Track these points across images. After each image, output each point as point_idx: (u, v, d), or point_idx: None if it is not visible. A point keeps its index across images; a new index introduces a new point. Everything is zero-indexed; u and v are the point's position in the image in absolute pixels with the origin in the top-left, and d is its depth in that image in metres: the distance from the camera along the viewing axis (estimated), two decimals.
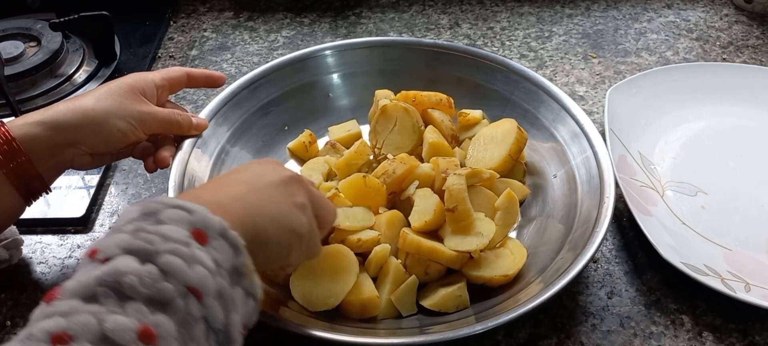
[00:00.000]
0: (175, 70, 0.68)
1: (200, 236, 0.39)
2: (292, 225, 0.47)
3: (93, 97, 0.59)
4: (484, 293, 0.60)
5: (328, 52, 0.79)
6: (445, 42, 0.91)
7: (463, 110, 0.75)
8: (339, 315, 0.57)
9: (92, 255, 0.38)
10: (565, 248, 0.60)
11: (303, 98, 0.78)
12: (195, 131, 0.67)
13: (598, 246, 0.56)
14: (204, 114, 0.69)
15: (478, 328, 0.53)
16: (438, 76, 0.78)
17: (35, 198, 0.58)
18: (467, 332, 0.52)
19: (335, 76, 0.80)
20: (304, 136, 0.75)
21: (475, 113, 0.75)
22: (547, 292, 0.53)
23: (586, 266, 0.55)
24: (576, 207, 0.64)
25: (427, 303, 0.59)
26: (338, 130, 0.77)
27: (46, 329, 0.33)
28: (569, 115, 0.70)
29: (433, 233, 0.62)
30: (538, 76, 0.75)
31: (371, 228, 0.61)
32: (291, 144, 0.76)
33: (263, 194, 0.47)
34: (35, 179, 0.56)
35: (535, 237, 0.66)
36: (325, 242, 0.60)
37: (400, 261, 0.60)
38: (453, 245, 0.60)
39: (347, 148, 0.71)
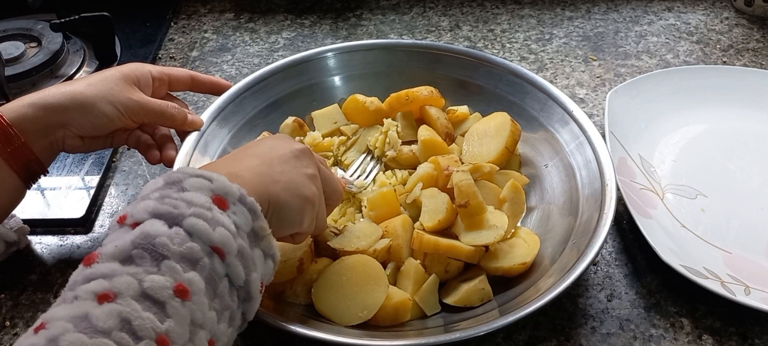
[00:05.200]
0: (179, 70, 0.69)
1: (221, 202, 0.42)
2: (303, 193, 0.50)
3: (85, 82, 0.61)
4: (503, 283, 0.61)
5: (329, 54, 0.79)
6: (445, 44, 0.91)
7: (451, 107, 0.76)
8: (365, 323, 0.57)
9: (122, 220, 0.41)
10: (572, 237, 0.60)
11: (304, 100, 0.78)
12: (189, 127, 0.67)
13: (599, 250, 0.56)
14: (206, 115, 0.69)
15: (506, 320, 0.52)
16: (438, 79, 0.78)
17: (34, 181, 0.60)
18: (500, 324, 0.52)
19: (337, 79, 0.80)
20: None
21: (463, 109, 0.76)
22: (547, 295, 0.53)
23: (586, 270, 0.55)
24: (577, 192, 0.65)
25: (451, 300, 0.59)
26: (324, 119, 0.77)
27: (91, 289, 0.37)
28: (560, 107, 0.71)
29: (445, 231, 0.63)
30: (521, 69, 0.76)
31: (382, 236, 0.62)
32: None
33: (275, 166, 0.50)
34: (33, 162, 0.58)
35: (540, 225, 0.66)
36: (334, 256, 0.60)
37: (419, 261, 0.60)
38: (470, 240, 0.60)
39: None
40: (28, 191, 0.60)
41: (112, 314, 0.35)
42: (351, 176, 0.70)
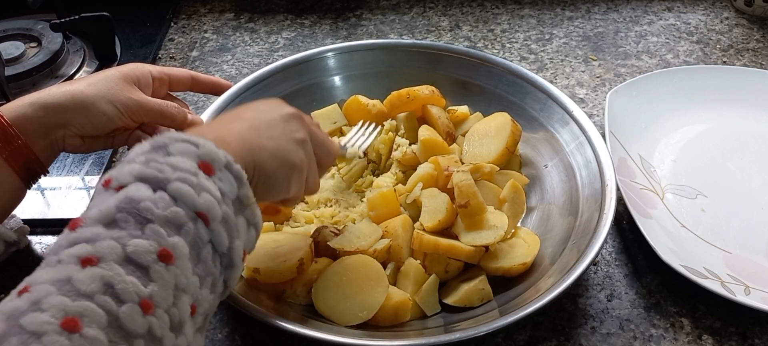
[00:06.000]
0: (179, 70, 0.69)
1: (207, 167, 0.42)
2: (290, 159, 0.50)
3: (85, 82, 0.61)
4: (503, 283, 0.61)
5: (329, 54, 0.79)
6: (445, 44, 0.91)
7: (451, 107, 0.76)
8: (365, 324, 0.57)
9: (107, 184, 0.41)
10: (572, 238, 0.60)
11: (304, 100, 0.78)
12: (188, 127, 0.67)
13: (599, 250, 0.56)
14: (206, 115, 0.70)
15: (506, 320, 0.53)
16: (438, 79, 0.78)
17: (34, 181, 0.60)
18: (500, 324, 0.53)
19: (337, 79, 0.80)
20: None
21: (463, 109, 0.76)
22: (547, 295, 0.53)
23: (586, 270, 0.55)
24: (577, 192, 0.65)
25: (451, 300, 0.59)
26: (323, 119, 0.76)
27: (75, 253, 0.36)
28: (560, 107, 0.71)
29: (445, 231, 0.63)
30: (521, 69, 0.76)
31: (382, 236, 0.62)
32: None
33: (263, 131, 0.49)
34: (33, 162, 0.58)
35: (540, 225, 0.66)
36: (334, 256, 0.60)
37: (419, 262, 0.60)
38: (470, 240, 0.60)
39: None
40: (28, 191, 0.60)
41: (95, 278, 0.35)
42: (346, 143, 0.69)
